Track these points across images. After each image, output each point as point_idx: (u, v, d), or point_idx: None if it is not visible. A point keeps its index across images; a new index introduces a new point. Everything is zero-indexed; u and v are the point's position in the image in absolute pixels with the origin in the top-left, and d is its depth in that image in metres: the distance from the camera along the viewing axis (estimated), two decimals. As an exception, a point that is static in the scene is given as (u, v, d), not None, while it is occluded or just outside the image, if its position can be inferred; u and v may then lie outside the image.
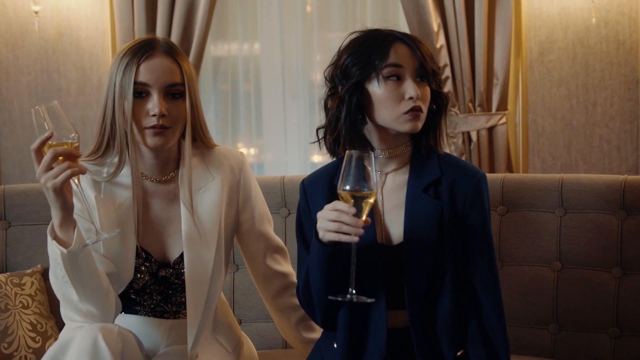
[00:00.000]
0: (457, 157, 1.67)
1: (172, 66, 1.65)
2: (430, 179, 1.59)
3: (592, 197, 2.13)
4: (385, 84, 1.55)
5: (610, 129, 3.50)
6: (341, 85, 1.59)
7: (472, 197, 1.58)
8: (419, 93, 1.54)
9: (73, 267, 1.51)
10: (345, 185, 1.43)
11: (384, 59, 1.55)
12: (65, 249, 1.49)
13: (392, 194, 1.62)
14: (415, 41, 1.58)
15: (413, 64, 1.56)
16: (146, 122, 1.63)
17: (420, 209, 1.57)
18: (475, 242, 1.57)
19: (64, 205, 1.47)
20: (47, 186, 1.44)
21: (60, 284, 1.55)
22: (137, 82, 1.62)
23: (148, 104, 1.63)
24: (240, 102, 3.70)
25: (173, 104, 1.64)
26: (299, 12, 3.63)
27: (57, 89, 3.54)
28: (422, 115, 1.56)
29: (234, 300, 2.27)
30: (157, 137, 1.62)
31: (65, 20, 3.50)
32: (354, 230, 1.42)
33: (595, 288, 2.09)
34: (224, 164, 1.77)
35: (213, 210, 1.71)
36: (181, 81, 1.65)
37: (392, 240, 1.60)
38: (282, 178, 2.32)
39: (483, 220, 1.58)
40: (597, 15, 3.40)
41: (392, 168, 1.63)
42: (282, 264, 1.84)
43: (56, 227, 1.50)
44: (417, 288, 1.55)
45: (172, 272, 1.71)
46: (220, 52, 3.71)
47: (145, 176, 1.72)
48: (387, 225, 1.61)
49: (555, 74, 3.50)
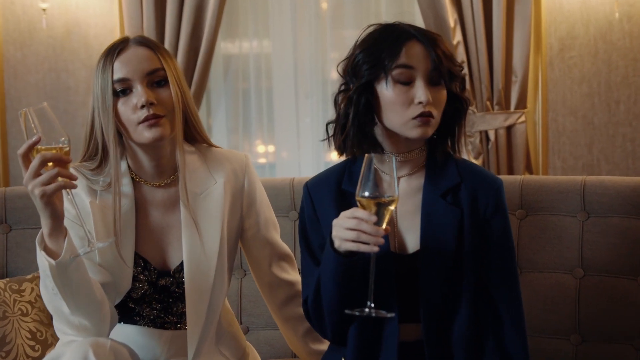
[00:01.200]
0: (472, 162, 1.59)
1: (147, 53, 1.58)
2: (448, 185, 1.51)
3: (617, 200, 2.03)
4: (395, 86, 1.47)
5: (634, 128, 3.39)
6: (352, 83, 1.51)
7: (494, 205, 1.51)
8: (430, 97, 1.45)
9: (63, 279, 1.44)
10: (364, 192, 1.35)
11: (395, 58, 1.46)
12: (54, 260, 1.42)
13: (406, 200, 1.53)
14: (433, 39, 1.47)
15: (426, 66, 1.46)
16: (137, 117, 1.55)
17: (438, 215, 1.49)
18: (496, 252, 1.49)
19: (53, 213, 1.40)
20: (35, 193, 1.37)
21: (50, 296, 1.48)
22: (115, 80, 1.55)
23: (133, 98, 1.55)
24: (251, 101, 3.63)
25: (159, 92, 1.57)
26: (312, 8, 3.55)
27: (65, 87, 3.49)
28: (434, 121, 1.47)
29: (241, 307, 2.19)
30: (153, 128, 1.54)
31: (73, 18, 3.45)
32: (374, 240, 1.33)
33: (620, 296, 1.99)
34: (226, 166, 1.69)
35: (215, 216, 1.63)
36: (161, 66, 1.58)
37: (407, 249, 1.51)
38: (292, 180, 2.24)
39: (505, 229, 1.51)
40: (620, 10, 3.29)
41: (405, 172, 1.55)
42: (288, 272, 1.75)
43: (45, 237, 1.42)
44: (432, 300, 1.47)
45: (172, 281, 1.64)
46: (231, 50, 3.65)
47: (144, 181, 1.65)
48: (401, 232, 1.52)
49: (576, 71, 3.39)
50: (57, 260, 1.41)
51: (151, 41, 1.62)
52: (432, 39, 1.48)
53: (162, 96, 1.57)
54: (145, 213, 1.63)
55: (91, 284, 1.50)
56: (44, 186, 1.36)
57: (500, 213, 1.51)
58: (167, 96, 1.57)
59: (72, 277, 1.44)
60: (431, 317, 1.47)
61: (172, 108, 1.58)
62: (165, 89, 1.58)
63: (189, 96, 1.64)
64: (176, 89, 1.58)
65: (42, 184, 1.36)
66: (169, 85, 1.58)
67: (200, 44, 3.37)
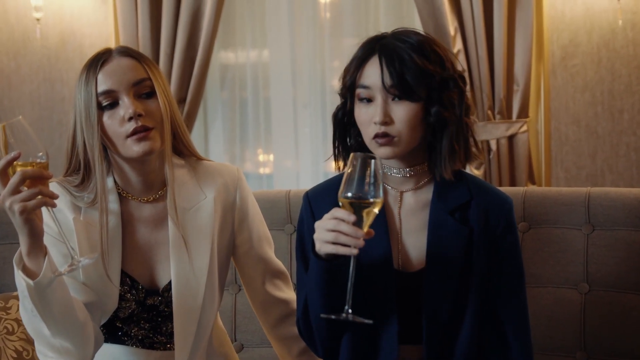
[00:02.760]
0: (482, 180, 1.53)
1: (132, 63, 1.52)
2: (458, 202, 1.45)
3: (623, 212, 1.97)
4: (357, 105, 1.44)
5: (638, 137, 3.33)
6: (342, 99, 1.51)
7: (505, 225, 1.45)
8: (383, 116, 1.38)
9: (42, 300, 1.37)
10: (347, 192, 1.29)
11: (355, 78, 1.43)
12: (32, 281, 1.35)
13: (411, 215, 1.47)
14: (397, 50, 1.38)
15: (384, 82, 1.39)
16: (125, 130, 1.48)
17: (446, 233, 1.43)
18: (505, 273, 1.44)
19: (32, 231, 1.34)
20: (14, 209, 1.31)
21: (29, 317, 1.42)
22: (100, 92, 1.49)
23: (120, 111, 1.49)
24: (249, 111, 3.58)
25: (147, 103, 1.51)
26: (310, 17, 3.50)
27: (60, 98, 3.44)
28: (396, 139, 1.39)
29: (236, 324, 2.13)
30: (142, 142, 1.48)
31: (68, 28, 3.41)
32: (354, 242, 1.27)
33: (627, 312, 1.93)
34: (217, 180, 1.63)
35: (205, 232, 1.57)
36: (147, 76, 1.51)
37: (411, 266, 1.45)
38: (288, 192, 2.18)
39: (515, 250, 1.46)
40: (624, 17, 3.23)
41: (410, 187, 1.48)
42: (282, 289, 1.69)
43: (24, 256, 1.36)
44: (436, 320, 1.41)
45: (161, 300, 1.57)
46: (228, 59, 3.60)
47: (131, 196, 1.59)
48: (405, 249, 1.46)
49: (579, 79, 3.33)
50: (35, 280, 1.35)
51: (135, 51, 1.56)
52: (397, 49, 1.39)
53: (150, 108, 1.51)
54: (132, 229, 1.57)
55: (73, 304, 1.44)
56: (24, 202, 1.30)
57: (510, 234, 1.46)
58: (156, 107, 1.51)
59: (52, 298, 1.38)
60: (434, 338, 1.41)
61: (160, 120, 1.52)
62: (153, 100, 1.52)
63: (176, 108, 1.58)
64: (164, 99, 1.52)
65: (22, 200, 1.30)
66: (156, 96, 1.52)
67: (196, 54, 3.33)
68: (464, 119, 1.44)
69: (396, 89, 1.38)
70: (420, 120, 1.40)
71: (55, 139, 3.45)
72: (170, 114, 1.54)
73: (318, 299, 1.39)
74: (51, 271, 1.36)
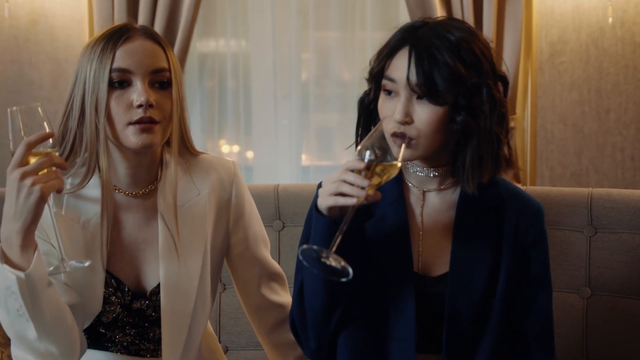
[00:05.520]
0: (512, 183, 1.44)
1: (156, 48, 1.40)
2: (487, 205, 1.36)
3: (626, 215, 1.91)
4: (382, 97, 1.34)
5: (624, 137, 3.29)
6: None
7: (535, 233, 1.37)
8: (401, 116, 1.27)
9: (32, 296, 1.24)
10: (364, 147, 1.20)
11: (384, 68, 1.33)
12: (23, 272, 1.23)
13: (435, 217, 1.37)
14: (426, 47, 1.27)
15: (408, 78, 1.29)
16: (130, 115, 1.35)
17: (473, 237, 1.34)
18: (533, 284, 1.36)
19: (36, 218, 1.23)
20: (34, 189, 1.20)
21: (13, 319, 1.28)
22: (114, 68, 1.35)
23: (131, 94, 1.36)
24: (227, 101, 3.46)
25: (160, 94, 1.38)
26: (293, 7, 3.39)
27: (28, 81, 3.26)
28: (414, 142, 1.29)
29: (220, 325, 2.01)
30: (144, 134, 1.35)
31: (38, 7, 3.22)
32: (356, 191, 1.16)
33: (630, 318, 1.87)
34: (212, 175, 1.50)
35: (197, 231, 1.45)
36: (168, 67, 1.39)
37: (432, 271, 1.36)
38: (276, 187, 2.07)
39: (544, 261, 1.38)
40: (614, 15, 3.18)
41: (434, 186, 1.38)
42: (279, 293, 1.57)
43: (15, 247, 1.23)
44: (458, 329, 1.32)
45: (148, 304, 1.44)
46: (207, 48, 3.46)
47: (117, 188, 1.45)
48: (426, 252, 1.36)
49: (566, 77, 3.28)
50: (26, 272, 1.23)
51: (159, 36, 1.43)
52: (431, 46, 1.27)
53: (162, 100, 1.38)
54: (118, 226, 1.44)
55: (62, 303, 1.32)
56: (45, 183, 1.22)
57: (541, 243, 1.38)
58: (168, 101, 1.39)
59: (43, 295, 1.26)
60: (454, 348, 1.32)
61: (169, 114, 1.39)
62: (167, 93, 1.39)
63: (186, 106, 1.45)
64: (178, 94, 1.40)
65: (46, 180, 1.22)
66: (171, 89, 1.39)
67: (175, 40, 3.18)
68: (494, 128, 1.30)
69: (421, 89, 1.27)
70: (444, 125, 1.29)
71: (22, 125, 3.27)
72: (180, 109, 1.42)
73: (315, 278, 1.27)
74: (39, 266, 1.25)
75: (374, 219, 1.35)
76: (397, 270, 1.31)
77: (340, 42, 3.40)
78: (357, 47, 3.39)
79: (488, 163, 1.31)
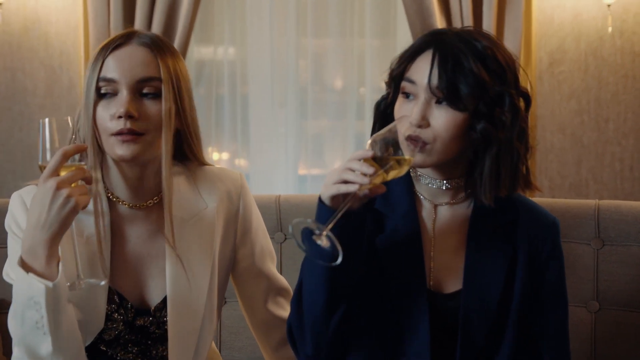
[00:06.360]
0: (527, 197, 1.39)
1: (147, 57, 1.35)
2: (502, 220, 1.32)
3: (634, 227, 1.88)
4: (400, 99, 1.30)
5: (623, 147, 3.27)
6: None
7: (550, 249, 1.34)
8: (418, 118, 1.23)
9: (56, 307, 1.23)
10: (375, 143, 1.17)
11: (404, 71, 1.29)
12: (51, 283, 1.22)
13: (448, 232, 1.33)
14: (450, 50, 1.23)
15: (428, 81, 1.25)
16: (112, 127, 1.32)
17: (487, 253, 1.30)
18: (549, 301, 1.34)
19: (64, 229, 1.23)
20: (72, 200, 1.21)
21: (28, 331, 1.25)
22: (101, 78, 1.33)
23: (115, 105, 1.33)
24: (224, 108, 3.42)
25: (146, 105, 1.33)
26: (291, 14, 3.36)
27: (21, 89, 3.22)
28: (429, 147, 1.25)
29: (221, 340, 1.97)
30: (125, 145, 1.31)
31: (32, 13, 3.18)
32: (359, 178, 1.12)
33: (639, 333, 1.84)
34: (219, 188, 1.46)
35: (205, 245, 1.41)
36: (158, 75, 1.34)
37: (445, 287, 1.32)
38: (278, 197, 2.03)
39: (560, 276, 1.35)
40: (613, 25, 3.17)
41: (446, 200, 1.34)
42: (286, 308, 1.53)
43: (41, 257, 1.23)
44: (473, 346, 1.28)
45: (152, 321, 1.40)
46: (204, 55, 3.43)
47: (121, 201, 1.41)
48: (438, 268, 1.32)
49: (565, 87, 3.27)
50: (54, 282, 1.22)
51: (158, 43, 1.37)
52: (456, 50, 1.24)
53: (149, 110, 1.33)
54: (122, 240, 1.40)
55: (76, 321, 1.30)
56: (80, 195, 1.23)
57: (556, 259, 1.35)
58: (155, 112, 1.34)
59: (65, 307, 1.25)
60: None
61: (158, 126, 1.34)
62: (154, 103, 1.34)
63: (190, 114, 1.40)
64: (171, 105, 1.34)
65: (80, 193, 1.24)
66: (161, 99, 1.34)
67: (171, 47, 3.15)
68: (515, 143, 1.27)
69: (442, 92, 1.24)
70: (462, 132, 1.25)
71: (15, 131, 3.22)
72: (178, 121, 1.37)
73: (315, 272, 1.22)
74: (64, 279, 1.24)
75: (386, 233, 1.31)
76: (411, 286, 1.28)
77: (338, 49, 3.37)
78: (356, 54, 3.37)
79: (506, 176, 1.27)
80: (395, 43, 3.40)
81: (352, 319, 1.28)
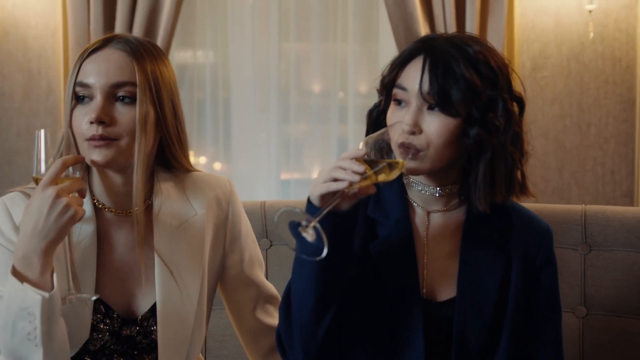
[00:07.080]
0: (521, 204, 1.38)
1: (123, 60, 1.31)
2: (495, 227, 1.31)
3: (621, 232, 1.88)
4: (392, 107, 1.29)
5: (605, 152, 3.29)
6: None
7: (544, 256, 1.33)
8: (410, 125, 1.22)
9: (50, 319, 1.21)
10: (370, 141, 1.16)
11: (395, 78, 1.28)
12: (47, 293, 1.20)
13: (441, 238, 1.32)
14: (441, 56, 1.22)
15: (419, 87, 1.24)
16: (86, 132, 1.30)
17: (481, 260, 1.29)
18: (544, 307, 1.33)
19: (61, 238, 1.22)
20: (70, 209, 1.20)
21: (18, 342, 1.22)
22: (77, 82, 1.31)
23: (88, 110, 1.30)
24: (206, 112, 3.39)
25: (120, 110, 1.30)
26: (274, 18, 3.34)
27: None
28: (422, 153, 1.23)
29: (206, 348, 1.94)
30: (97, 151, 1.29)
31: (10, 17, 3.12)
32: (349, 175, 1.10)
33: (627, 338, 1.84)
34: (208, 194, 1.44)
35: (195, 252, 1.38)
36: (133, 80, 1.30)
37: (438, 294, 1.31)
38: (263, 204, 2.01)
39: (554, 282, 1.35)
40: (595, 31, 3.19)
41: (440, 207, 1.33)
42: (275, 316, 1.50)
43: (35, 267, 1.20)
44: (467, 355, 1.27)
45: (138, 330, 1.37)
46: (186, 59, 3.40)
47: (107, 208, 1.38)
48: (432, 275, 1.31)
49: (548, 92, 3.28)
50: (51, 293, 1.20)
51: (138, 46, 1.33)
52: (447, 55, 1.23)
53: (122, 116, 1.30)
54: (109, 248, 1.36)
55: (66, 333, 1.27)
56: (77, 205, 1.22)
57: (550, 265, 1.35)
58: (129, 117, 1.30)
59: (58, 319, 1.23)
60: None
61: (132, 131, 1.31)
62: (129, 108, 1.31)
63: (172, 120, 1.36)
64: (148, 110, 1.31)
65: (78, 204, 1.23)
66: (135, 104, 1.31)
67: (152, 51, 3.11)
68: (509, 148, 1.26)
69: (434, 98, 1.22)
70: (455, 139, 1.24)
71: (-9, 137, 3.17)
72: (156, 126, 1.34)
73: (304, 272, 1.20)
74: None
75: (379, 240, 1.29)
76: (405, 294, 1.27)
77: (321, 53, 3.36)
78: (338, 59, 3.36)
79: (502, 181, 1.26)
80: (377, 48, 3.40)
81: (344, 328, 1.26)
